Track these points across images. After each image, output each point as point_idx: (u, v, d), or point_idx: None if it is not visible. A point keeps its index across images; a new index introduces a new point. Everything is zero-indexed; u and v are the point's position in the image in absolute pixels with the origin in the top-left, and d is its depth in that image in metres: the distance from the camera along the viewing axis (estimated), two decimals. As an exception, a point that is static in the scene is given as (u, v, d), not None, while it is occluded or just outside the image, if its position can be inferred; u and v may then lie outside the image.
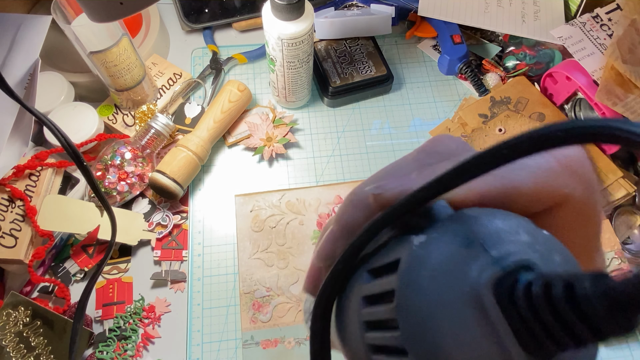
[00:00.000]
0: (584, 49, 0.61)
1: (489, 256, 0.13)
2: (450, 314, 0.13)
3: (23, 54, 0.57)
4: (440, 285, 0.14)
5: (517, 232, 0.14)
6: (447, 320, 0.13)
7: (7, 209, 0.56)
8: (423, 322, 0.14)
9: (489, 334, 0.13)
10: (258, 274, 0.57)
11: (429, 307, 0.13)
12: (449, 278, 0.14)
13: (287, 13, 0.54)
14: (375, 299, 0.16)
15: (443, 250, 0.14)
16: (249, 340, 0.54)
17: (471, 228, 0.14)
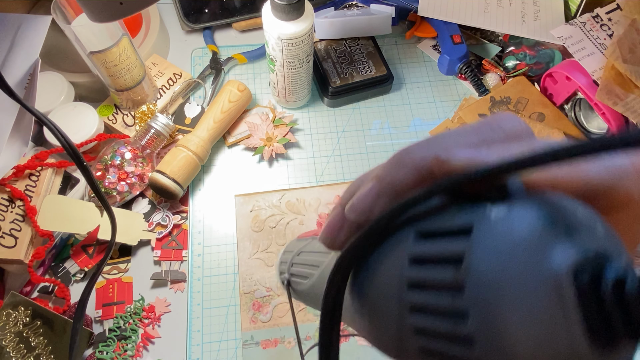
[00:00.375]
0: (584, 48, 0.61)
1: (573, 242, 0.13)
2: (526, 290, 0.13)
3: (23, 54, 0.57)
4: (518, 259, 0.13)
5: (596, 224, 0.14)
6: (518, 295, 0.13)
7: (7, 209, 0.56)
8: (493, 289, 0.13)
9: (559, 320, 0.13)
10: (258, 274, 0.57)
11: (502, 277, 0.13)
12: (529, 254, 0.13)
13: (287, 13, 0.54)
14: (428, 261, 0.16)
15: (526, 224, 0.14)
16: (249, 340, 0.54)
17: (555, 210, 0.14)
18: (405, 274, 0.16)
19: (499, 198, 0.15)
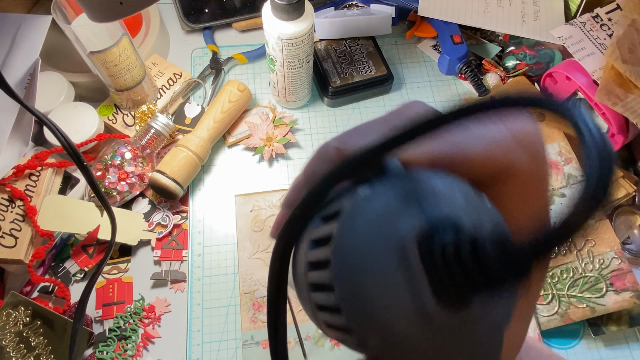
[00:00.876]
0: (584, 49, 0.61)
1: (421, 213, 0.15)
2: (378, 258, 0.14)
3: (23, 54, 0.57)
4: (373, 233, 0.15)
5: (454, 196, 0.15)
6: (374, 264, 0.14)
7: (7, 209, 0.56)
8: (353, 263, 0.15)
9: (407, 281, 0.14)
10: (258, 274, 0.57)
11: (359, 250, 0.15)
12: (381, 227, 0.15)
13: (287, 13, 0.54)
14: (319, 242, 0.17)
15: (382, 202, 0.15)
16: (249, 340, 0.54)
17: (412, 185, 0.15)
18: (307, 255, 0.18)
19: (374, 179, 0.16)
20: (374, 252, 0.14)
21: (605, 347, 0.57)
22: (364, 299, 0.14)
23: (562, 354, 0.56)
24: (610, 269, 0.56)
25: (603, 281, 0.55)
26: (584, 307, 0.55)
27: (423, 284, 0.14)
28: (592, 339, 0.57)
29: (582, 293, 0.55)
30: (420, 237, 0.14)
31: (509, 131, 0.17)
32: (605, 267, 0.56)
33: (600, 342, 0.57)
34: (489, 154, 0.17)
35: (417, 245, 0.14)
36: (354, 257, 0.15)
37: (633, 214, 0.62)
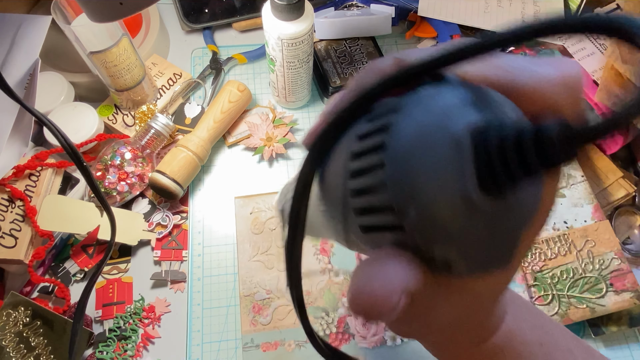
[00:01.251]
0: (584, 49, 0.61)
1: (479, 112, 0.15)
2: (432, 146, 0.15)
3: (23, 54, 0.57)
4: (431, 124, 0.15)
5: (505, 107, 0.16)
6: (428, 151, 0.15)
7: (7, 209, 0.56)
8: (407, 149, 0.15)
9: (456, 168, 0.15)
10: (258, 277, 0.57)
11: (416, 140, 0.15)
12: (440, 119, 0.15)
13: (287, 13, 0.54)
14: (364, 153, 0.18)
15: (442, 99, 0.16)
16: (249, 343, 0.54)
17: (474, 92, 0.16)
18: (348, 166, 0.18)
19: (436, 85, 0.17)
20: (429, 139, 0.15)
21: (605, 347, 0.57)
22: (411, 178, 0.15)
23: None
24: (610, 269, 0.56)
25: (603, 282, 0.55)
26: (584, 307, 0.55)
27: (471, 174, 0.15)
28: (592, 339, 0.57)
29: (582, 293, 0.55)
30: (475, 131, 0.15)
31: (558, 70, 0.18)
32: (605, 268, 0.56)
33: (600, 343, 0.57)
34: (538, 89, 0.17)
35: (471, 137, 0.15)
36: (410, 143, 0.15)
37: (633, 214, 0.62)
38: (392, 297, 0.16)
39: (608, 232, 0.57)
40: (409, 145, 0.15)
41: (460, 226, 0.15)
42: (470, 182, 0.15)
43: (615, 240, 0.57)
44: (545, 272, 0.57)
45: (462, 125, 0.15)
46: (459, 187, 0.15)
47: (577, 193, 0.59)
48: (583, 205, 0.59)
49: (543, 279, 0.56)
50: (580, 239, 0.57)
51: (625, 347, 0.57)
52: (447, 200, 0.15)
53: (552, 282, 0.56)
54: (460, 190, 0.15)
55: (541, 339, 0.26)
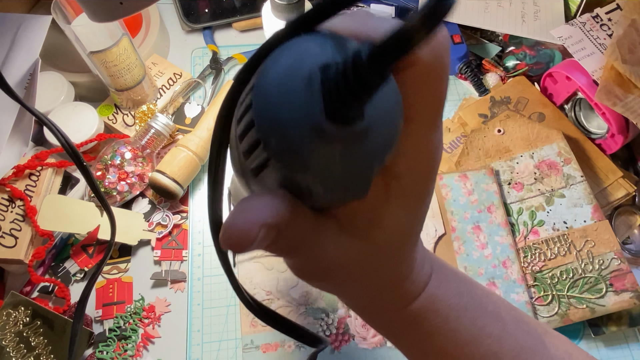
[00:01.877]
0: (584, 49, 0.61)
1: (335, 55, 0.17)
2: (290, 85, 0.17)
3: (23, 54, 0.57)
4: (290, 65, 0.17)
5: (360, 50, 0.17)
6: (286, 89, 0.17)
7: (7, 209, 0.56)
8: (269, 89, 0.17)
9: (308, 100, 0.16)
10: (257, 278, 0.57)
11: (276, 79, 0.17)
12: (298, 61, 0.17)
13: (287, 13, 0.54)
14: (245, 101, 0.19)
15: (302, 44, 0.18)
16: (249, 344, 0.54)
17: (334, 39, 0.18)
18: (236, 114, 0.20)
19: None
20: (288, 77, 0.17)
21: (605, 347, 0.57)
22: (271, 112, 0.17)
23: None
24: (609, 269, 0.56)
25: (603, 282, 0.55)
26: (583, 307, 0.55)
27: (318, 101, 0.16)
28: (592, 339, 0.57)
29: (581, 294, 0.55)
30: (324, 67, 0.16)
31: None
32: (605, 268, 0.56)
33: (600, 342, 0.57)
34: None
35: (321, 72, 0.16)
36: (271, 81, 0.17)
37: (633, 214, 0.62)
38: (251, 230, 0.18)
39: (608, 232, 0.57)
40: (270, 83, 0.17)
41: (314, 153, 0.17)
42: (319, 111, 0.16)
43: (615, 241, 0.57)
44: (545, 273, 0.57)
45: (316, 65, 0.17)
46: (310, 116, 0.16)
47: (577, 193, 0.59)
48: (582, 205, 0.59)
49: (543, 279, 0.56)
50: (580, 239, 0.57)
51: (625, 347, 0.57)
52: (300, 128, 0.16)
53: (551, 282, 0.56)
54: (310, 119, 0.16)
55: (467, 303, 0.27)
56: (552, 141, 0.62)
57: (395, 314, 0.26)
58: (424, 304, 0.26)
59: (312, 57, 0.17)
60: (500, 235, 0.58)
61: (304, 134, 0.17)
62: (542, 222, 0.59)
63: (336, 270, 0.22)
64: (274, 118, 0.17)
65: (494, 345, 0.27)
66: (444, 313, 0.26)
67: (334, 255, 0.22)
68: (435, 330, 0.26)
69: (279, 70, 0.17)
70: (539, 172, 0.61)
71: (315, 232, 0.21)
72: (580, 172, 0.60)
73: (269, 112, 0.17)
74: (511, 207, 0.60)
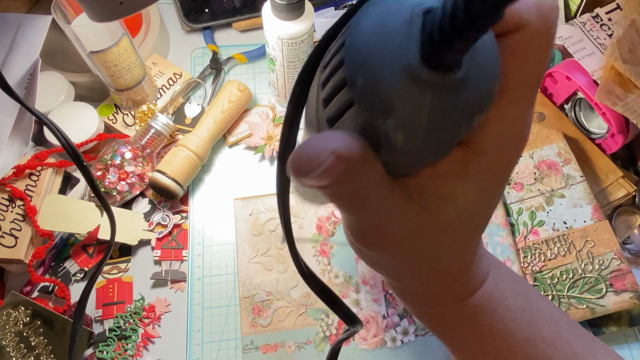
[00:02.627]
0: (584, 48, 0.61)
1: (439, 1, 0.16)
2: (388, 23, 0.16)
3: (23, 54, 0.57)
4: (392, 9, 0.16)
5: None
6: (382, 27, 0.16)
7: (7, 208, 0.56)
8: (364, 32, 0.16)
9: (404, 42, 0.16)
10: (258, 278, 0.57)
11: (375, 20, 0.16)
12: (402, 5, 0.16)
13: (287, 13, 0.54)
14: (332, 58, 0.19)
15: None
16: (249, 345, 0.54)
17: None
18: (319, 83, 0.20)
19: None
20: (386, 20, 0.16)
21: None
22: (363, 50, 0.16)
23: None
24: (609, 269, 0.56)
25: (603, 282, 0.55)
26: (583, 308, 0.55)
27: (415, 44, 0.16)
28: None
29: (581, 294, 0.55)
30: (428, 10, 0.16)
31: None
32: (604, 268, 0.56)
33: (599, 343, 0.57)
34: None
35: (423, 15, 0.16)
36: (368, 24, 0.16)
37: (633, 214, 0.62)
38: (320, 154, 0.17)
39: (608, 232, 0.57)
40: (368, 22, 0.16)
41: (402, 97, 0.16)
42: (414, 52, 0.15)
43: (614, 241, 0.57)
44: (545, 273, 0.57)
45: (419, 8, 0.16)
46: (403, 58, 0.16)
47: (577, 193, 0.59)
48: (582, 205, 0.59)
49: (543, 279, 0.56)
50: (579, 240, 0.57)
51: (625, 347, 0.57)
52: (390, 68, 0.16)
53: (551, 282, 0.56)
54: (403, 60, 0.16)
55: (524, 305, 0.26)
56: (552, 141, 0.62)
57: (450, 306, 0.25)
58: (482, 301, 0.25)
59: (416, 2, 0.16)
60: (500, 235, 0.58)
61: (395, 74, 0.16)
62: (542, 222, 0.59)
63: (397, 239, 0.21)
64: (366, 55, 0.16)
65: (548, 350, 0.26)
66: (501, 313, 0.25)
67: (399, 223, 0.20)
68: (491, 330, 0.25)
69: (378, 11, 0.16)
70: (538, 172, 0.61)
71: (383, 191, 0.20)
72: (580, 172, 0.60)
73: (361, 49, 0.16)
74: (511, 207, 0.60)
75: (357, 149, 0.18)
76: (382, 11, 0.16)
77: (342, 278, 0.57)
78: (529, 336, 0.25)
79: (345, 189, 0.19)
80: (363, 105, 0.17)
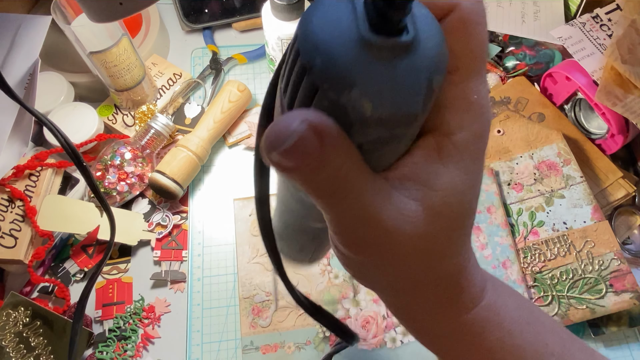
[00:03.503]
0: (584, 49, 0.61)
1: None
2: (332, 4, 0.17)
3: (23, 54, 0.57)
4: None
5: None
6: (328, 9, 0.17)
7: (7, 209, 0.56)
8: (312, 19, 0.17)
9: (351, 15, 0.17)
10: (258, 279, 0.57)
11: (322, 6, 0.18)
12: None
13: (287, 13, 0.54)
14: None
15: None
16: (248, 346, 0.54)
17: None
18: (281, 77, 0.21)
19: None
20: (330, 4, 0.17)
21: (605, 347, 0.57)
22: (315, 34, 0.17)
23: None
24: (609, 270, 0.56)
25: (602, 282, 0.55)
26: (583, 308, 0.55)
27: (361, 14, 0.17)
28: (592, 339, 0.57)
29: (581, 294, 0.55)
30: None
31: None
32: (604, 269, 0.56)
33: (600, 343, 0.57)
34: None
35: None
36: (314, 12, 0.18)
37: (633, 214, 0.62)
38: (291, 123, 0.17)
39: (607, 232, 0.57)
40: (313, 12, 0.18)
41: (360, 67, 0.17)
42: (361, 23, 0.17)
43: (614, 241, 0.57)
44: (544, 273, 0.57)
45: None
46: (353, 31, 0.17)
47: (577, 194, 0.59)
48: (582, 206, 0.59)
49: (543, 279, 0.56)
50: (579, 240, 0.57)
51: (625, 347, 0.57)
52: (344, 44, 0.17)
53: (551, 283, 0.56)
54: (354, 33, 0.17)
55: (528, 318, 0.25)
56: (552, 142, 0.62)
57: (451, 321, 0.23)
58: (485, 314, 0.23)
59: None
60: (500, 235, 0.58)
61: (350, 48, 0.17)
62: (542, 222, 0.59)
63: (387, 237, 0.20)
64: (319, 39, 0.17)
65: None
66: (507, 327, 0.24)
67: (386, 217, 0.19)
68: (498, 345, 0.24)
69: (323, 5, 0.18)
70: (538, 172, 0.61)
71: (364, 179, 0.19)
72: (580, 173, 0.60)
73: (313, 35, 0.17)
74: (511, 208, 0.60)
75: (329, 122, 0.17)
76: (325, 3, 0.18)
77: (342, 278, 0.57)
78: (538, 349, 0.24)
79: (323, 173, 0.18)
80: (326, 84, 0.17)
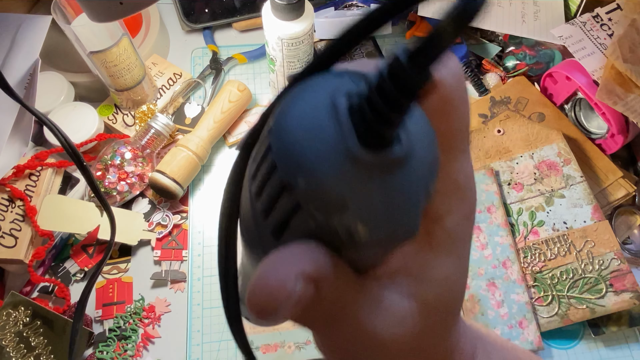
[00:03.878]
0: (584, 48, 0.61)
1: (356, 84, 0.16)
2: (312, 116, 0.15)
3: (23, 54, 0.57)
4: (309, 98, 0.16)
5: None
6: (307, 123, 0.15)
7: (7, 209, 0.56)
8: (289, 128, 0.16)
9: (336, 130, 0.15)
10: (258, 274, 0.57)
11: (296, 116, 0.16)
12: (316, 92, 0.16)
13: (287, 13, 0.54)
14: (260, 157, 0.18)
15: (325, 79, 0.16)
16: (248, 344, 0.54)
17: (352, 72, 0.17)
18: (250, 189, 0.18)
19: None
20: (308, 112, 0.15)
21: (605, 347, 0.57)
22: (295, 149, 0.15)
23: (562, 355, 0.56)
24: (609, 270, 0.56)
25: (603, 282, 0.55)
26: (583, 308, 0.55)
27: (348, 129, 0.15)
28: (592, 339, 0.57)
29: (581, 294, 0.55)
30: (350, 94, 0.15)
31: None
32: (604, 268, 0.56)
33: (600, 342, 0.57)
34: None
35: (347, 99, 0.15)
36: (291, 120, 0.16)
37: (633, 214, 0.62)
38: (286, 282, 0.15)
39: (608, 232, 0.57)
40: (290, 118, 0.16)
41: (352, 187, 0.15)
42: (350, 138, 0.15)
43: (614, 241, 0.57)
44: (545, 273, 0.57)
45: (338, 92, 0.15)
46: (340, 146, 0.15)
47: (577, 194, 0.59)
48: (582, 205, 0.58)
49: (543, 279, 0.56)
50: (579, 240, 0.57)
51: (625, 346, 0.57)
52: (331, 161, 0.15)
53: (551, 282, 0.56)
54: (341, 148, 0.15)
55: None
56: (552, 141, 0.62)
57: None
58: None
59: (331, 86, 0.16)
60: (500, 235, 0.58)
61: (337, 167, 0.15)
62: (542, 222, 0.59)
63: (381, 348, 0.18)
64: (299, 154, 0.15)
65: None
66: None
67: (379, 328, 0.18)
68: None
69: (297, 104, 0.16)
70: (538, 172, 0.61)
71: (357, 300, 0.17)
72: (580, 173, 0.60)
73: (292, 149, 0.15)
74: (511, 208, 0.60)
75: (324, 261, 0.16)
76: (300, 106, 0.16)
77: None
78: None
79: (317, 310, 0.16)
80: (312, 206, 0.15)
